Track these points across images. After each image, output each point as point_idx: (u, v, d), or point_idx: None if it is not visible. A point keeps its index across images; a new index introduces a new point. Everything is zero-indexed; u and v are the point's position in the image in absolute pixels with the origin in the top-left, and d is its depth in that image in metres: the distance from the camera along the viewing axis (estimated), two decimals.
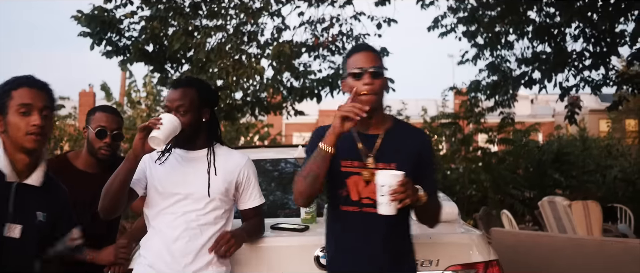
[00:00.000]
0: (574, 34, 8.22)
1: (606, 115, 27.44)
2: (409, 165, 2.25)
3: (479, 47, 9.23)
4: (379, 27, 8.21)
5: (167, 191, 2.51)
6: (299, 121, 10.91)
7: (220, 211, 2.56)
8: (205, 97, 2.58)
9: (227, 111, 8.09)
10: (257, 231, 2.70)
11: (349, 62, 2.30)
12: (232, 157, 2.63)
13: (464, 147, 10.54)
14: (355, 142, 2.32)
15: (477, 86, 9.46)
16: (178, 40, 6.72)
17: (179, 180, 2.52)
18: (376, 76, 2.26)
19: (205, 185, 2.51)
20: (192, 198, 2.50)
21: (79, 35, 7.33)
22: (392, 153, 2.31)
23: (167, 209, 2.51)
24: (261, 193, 2.70)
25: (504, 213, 7.63)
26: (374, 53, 2.32)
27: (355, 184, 2.30)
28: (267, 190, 3.67)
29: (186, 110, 2.47)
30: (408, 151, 2.32)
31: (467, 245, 2.81)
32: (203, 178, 2.52)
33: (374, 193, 2.18)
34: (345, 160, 2.30)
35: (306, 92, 8.04)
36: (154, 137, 2.31)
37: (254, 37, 7.82)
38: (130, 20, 7.44)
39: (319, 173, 2.18)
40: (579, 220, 5.93)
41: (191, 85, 2.57)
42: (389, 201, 2.09)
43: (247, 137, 13.20)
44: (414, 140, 2.38)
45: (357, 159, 2.31)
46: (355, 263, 2.32)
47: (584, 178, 11.60)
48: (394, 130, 2.37)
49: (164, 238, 2.50)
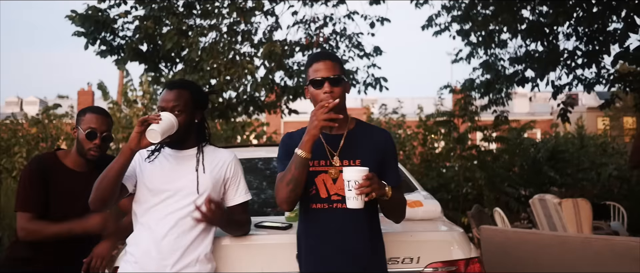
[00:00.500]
0: (566, 32, 8.26)
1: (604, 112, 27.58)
2: (372, 161, 2.40)
3: (472, 46, 9.27)
4: (372, 26, 8.25)
5: (156, 188, 2.58)
6: (298, 119, 10.95)
7: None
8: (198, 100, 2.68)
9: (221, 110, 8.14)
10: (241, 225, 2.75)
11: (310, 71, 2.44)
12: (219, 155, 2.72)
13: (459, 145, 10.56)
14: (321, 142, 2.46)
15: (471, 85, 9.50)
16: (170, 39, 6.76)
17: (169, 177, 2.59)
18: (335, 83, 2.39)
19: (194, 182, 2.58)
20: (181, 195, 2.57)
21: (73, 34, 7.36)
22: (356, 150, 2.46)
23: (156, 206, 2.57)
24: (248, 190, 2.77)
25: (496, 211, 7.65)
26: (332, 61, 2.45)
27: (323, 182, 2.43)
28: (258, 188, 3.71)
29: (180, 111, 2.56)
30: (371, 147, 2.48)
31: (448, 242, 2.85)
32: (192, 175, 2.60)
33: (342, 190, 2.35)
34: (313, 160, 2.41)
35: (300, 91, 8.08)
36: (153, 130, 2.40)
37: (248, 36, 7.85)
38: (124, 20, 7.49)
39: (300, 179, 2.32)
40: (569, 218, 5.95)
41: (186, 87, 2.65)
42: (356, 195, 2.22)
43: (243, 136, 13.22)
44: (376, 138, 2.53)
45: (324, 159, 2.45)
46: (327, 258, 2.43)
47: (579, 175, 11.62)
48: (356, 130, 2.53)
49: (152, 235, 2.55)
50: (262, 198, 3.64)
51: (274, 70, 7.47)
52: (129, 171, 2.54)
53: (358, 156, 2.44)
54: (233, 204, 2.72)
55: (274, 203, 3.32)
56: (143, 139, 2.41)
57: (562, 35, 8.35)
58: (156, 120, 2.41)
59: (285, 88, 8.17)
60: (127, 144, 2.42)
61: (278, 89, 8.29)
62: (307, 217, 2.48)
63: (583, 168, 11.96)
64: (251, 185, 3.67)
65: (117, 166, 2.43)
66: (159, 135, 2.40)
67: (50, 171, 3.09)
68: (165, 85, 2.69)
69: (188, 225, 2.56)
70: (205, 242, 2.61)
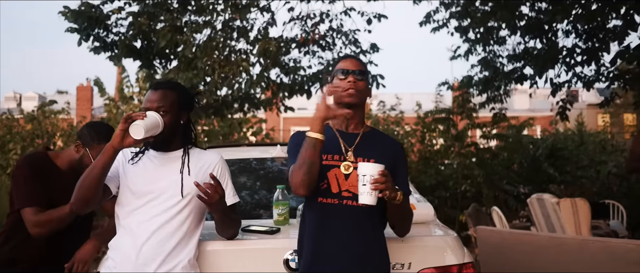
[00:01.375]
0: (565, 29, 8.17)
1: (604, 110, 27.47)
2: (385, 164, 2.34)
3: (471, 43, 9.18)
4: (369, 23, 8.16)
5: (139, 190, 2.51)
6: (297, 115, 10.91)
7: (193, 211, 2.55)
8: (184, 101, 2.60)
9: (216, 108, 8.05)
10: (235, 223, 2.68)
11: (337, 67, 2.52)
12: (204, 156, 2.65)
13: (457, 143, 10.48)
14: (337, 138, 2.48)
15: (470, 82, 9.41)
16: (164, 37, 6.68)
17: (152, 179, 2.52)
18: (360, 78, 2.46)
19: (178, 184, 2.51)
20: (164, 197, 2.50)
21: (66, 31, 7.28)
22: (370, 150, 2.46)
23: (139, 208, 2.50)
24: (235, 192, 2.69)
25: (494, 209, 7.57)
26: (359, 61, 2.56)
27: (335, 177, 2.42)
28: (252, 189, 3.63)
29: (166, 111, 2.49)
30: (385, 152, 2.49)
31: (440, 247, 2.77)
32: (176, 177, 2.53)
33: (353, 186, 2.36)
34: (327, 154, 2.42)
35: (296, 88, 8.00)
36: (137, 125, 2.32)
37: (244, 33, 7.77)
38: (118, 16, 7.40)
39: (314, 160, 2.30)
40: (567, 218, 5.89)
41: (172, 88, 2.59)
42: (370, 190, 2.23)
43: (240, 133, 13.14)
44: (389, 144, 2.58)
45: (338, 153, 2.45)
46: (331, 255, 2.38)
47: (578, 173, 11.55)
48: (371, 133, 2.57)
49: (134, 238, 2.47)
50: (256, 199, 3.56)
51: (269, 67, 7.37)
52: (112, 172, 2.47)
53: (372, 155, 2.44)
54: None
55: (267, 204, 3.25)
56: (127, 137, 2.34)
57: (561, 32, 8.24)
58: (141, 117, 2.35)
59: (281, 85, 8.08)
60: (110, 142, 2.35)
61: (274, 87, 8.20)
62: (315, 211, 2.45)
63: (582, 165, 11.88)
64: (244, 185, 3.61)
65: (100, 165, 2.36)
66: (142, 131, 2.33)
67: (45, 171, 3.02)
68: (150, 85, 2.65)
69: (171, 228, 2.49)
70: (188, 247, 2.53)
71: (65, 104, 13.50)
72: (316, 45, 8.17)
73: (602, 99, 8.51)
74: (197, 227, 2.59)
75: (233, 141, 13.03)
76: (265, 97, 8.87)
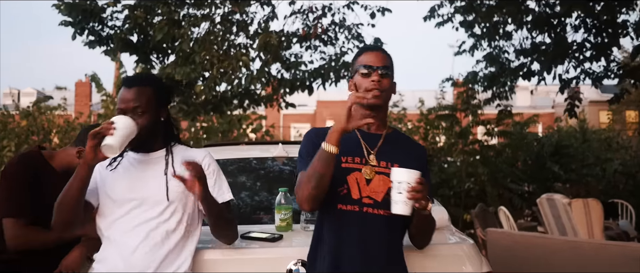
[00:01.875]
0: (574, 24, 7.95)
1: (606, 107, 27.31)
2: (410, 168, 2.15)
3: (476, 38, 8.96)
4: (372, 16, 7.93)
5: (121, 198, 2.27)
6: (297, 112, 10.70)
7: (183, 216, 2.32)
8: (162, 96, 2.36)
9: (215, 104, 7.82)
10: (230, 223, 2.41)
11: (358, 60, 2.28)
12: (190, 154, 2.40)
13: (461, 140, 10.29)
14: (357, 139, 2.28)
15: (474, 78, 9.20)
16: (161, 30, 6.45)
17: (134, 184, 2.28)
18: (385, 75, 2.23)
19: (163, 188, 2.27)
20: (149, 203, 2.27)
21: (59, 24, 7.05)
22: (394, 153, 2.27)
23: (122, 217, 2.27)
24: (229, 189, 2.44)
25: (501, 209, 7.39)
26: (384, 54, 2.30)
27: (356, 181, 2.21)
28: (251, 190, 3.42)
29: (143, 111, 2.25)
30: (409, 155, 2.29)
31: (457, 256, 2.56)
32: (161, 180, 2.29)
33: (375, 193, 2.18)
34: (347, 156, 2.23)
35: (297, 84, 7.77)
36: (108, 145, 2.08)
37: (244, 27, 7.54)
38: (113, 9, 7.17)
39: (325, 174, 2.08)
40: (579, 219, 5.68)
41: (147, 83, 2.33)
42: (406, 199, 2.02)
43: (240, 129, 12.94)
44: (413, 148, 2.40)
45: (359, 155, 2.25)
46: (348, 264, 2.17)
47: (584, 171, 11.39)
48: (394, 135, 2.37)
49: (120, 250, 2.24)
50: (256, 201, 3.34)
51: (270, 62, 7.14)
52: (90, 183, 2.22)
53: (396, 159, 2.23)
54: None
55: (269, 207, 3.04)
56: (99, 152, 2.09)
57: (569, 27, 8.02)
58: (109, 131, 2.08)
59: (282, 81, 7.84)
60: (83, 159, 2.10)
61: (275, 82, 7.96)
62: (332, 219, 2.21)
63: (588, 163, 11.70)
64: (243, 187, 3.39)
65: (77, 184, 2.13)
66: (116, 150, 2.09)
67: (38, 172, 2.79)
68: (123, 82, 2.35)
69: (160, 237, 2.25)
70: (182, 256, 2.30)
71: (62, 100, 13.28)
72: (318, 39, 7.93)
73: (603, 97, 8.32)
74: (191, 234, 2.36)
75: (232, 138, 12.85)
76: (265, 93, 8.64)
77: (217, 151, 3.70)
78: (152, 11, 7.02)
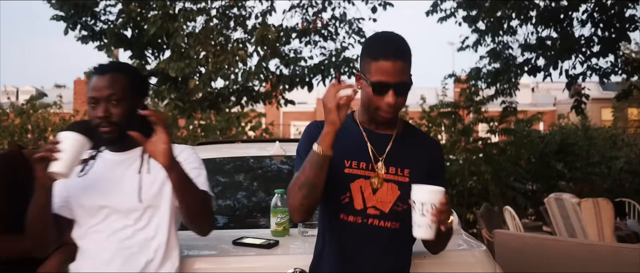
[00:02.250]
0: (581, 18, 7.74)
1: (609, 104, 27.09)
2: (423, 173, 1.95)
3: (480, 33, 8.76)
4: (374, 11, 7.71)
5: (92, 205, 2.02)
6: (297, 109, 10.49)
7: (162, 220, 2.04)
8: (138, 84, 2.10)
9: (211, 101, 7.60)
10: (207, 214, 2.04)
11: (372, 67, 1.84)
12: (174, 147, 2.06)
13: (464, 138, 10.09)
14: (364, 140, 1.97)
15: (478, 74, 9.00)
16: (154, 24, 6.22)
17: (106, 188, 2.03)
18: (403, 91, 1.87)
19: (136, 189, 2.01)
20: (123, 210, 2.01)
21: (51, 19, 6.85)
22: (406, 157, 1.98)
23: (95, 226, 2.02)
24: (209, 186, 2.10)
25: (506, 209, 7.19)
26: (405, 62, 1.87)
27: (361, 190, 1.93)
28: (248, 190, 3.20)
29: (119, 99, 1.98)
30: (422, 156, 2.01)
31: (469, 264, 2.35)
32: (134, 181, 2.03)
33: (382, 203, 1.92)
34: (351, 160, 1.94)
35: (296, 81, 7.55)
36: (56, 173, 1.80)
37: (242, 21, 7.32)
38: (106, 3, 6.95)
39: (318, 183, 1.80)
40: (588, 220, 5.46)
41: (121, 70, 2.08)
42: (431, 222, 1.73)
43: (238, 127, 12.74)
44: (428, 146, 2.08)
45: (365, 160, 1.95)
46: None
47: (588, 169, 11.20)
48: (406, 133, 2.04)
49: (93, 263, 2.01)
50: (253, 201, 3.13)
51: (268, 57, 6.91)
52: (59, 197, 1.98)
53: (407, 165, 1.95)
54: None
55: (266, 208, 2.82)
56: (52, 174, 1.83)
57: (576, 21, 7.81)
58: (53, 154, 1.80)
59: (280, 77, 7.62)
60: (37, 183, 1.86)
61: (273, 79, 7.74)
62: (333, 230, 1.97)
63: (592, 161, 11.51)
64: (238, 187, 3.18)
65: (37, 208, 1.89)
66: (66, 174, 1.82)
67: (17, 174, 2.57)
68: (95, 69, 2.07)
69: (137, 246, 2.00)
70: (166, 266, 2.05)
71: (58, 98, 13.08)
72: (318, 35, 7.71)
73: (605, 94, 8.14)
74: (173, 239, 2.09)
75: (231, 136, 12.65)
76: (264, 90, 8.41)
77: (212, 150, 3.50)
78: (146, 5, 6.79)
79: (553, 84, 8.38)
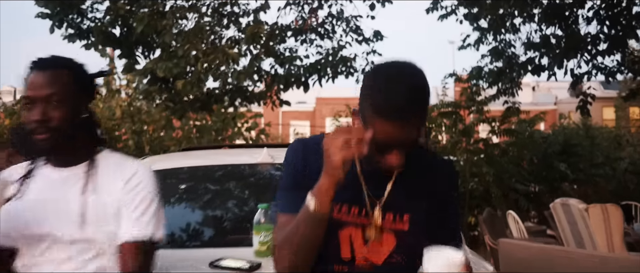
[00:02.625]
0: (587, 15, 7.48)
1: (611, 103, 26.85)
2: (423, 215, 1.59)
3: (481, 31, 8.50)
4: (372, 8, 7.45)
5: (31, 234, 1.68)
6: (296, 109, 10.23)
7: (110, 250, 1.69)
8: (83, 83, 1.76)
9: (203, 102, 7.32)
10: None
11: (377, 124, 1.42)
12: (120, 166, 1.76)
13: (464, 138, 9.84)
14: (358, 180, 1.57)
15: (479, 73, 8.75)
16: (141, 21, 5.95)
17: (45, 214, 1.68)
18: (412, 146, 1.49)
19: (79, 215, 1.66)
20: (66, 240, 1.66)
21: (36, 16, 6.57)
22: (406, 199, 1.58)
23: (37, 258, 1.69)
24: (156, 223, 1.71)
25: (510, 214, 6.94)
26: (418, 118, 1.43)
27: (350, 239, 1.57)
28: (239, 199, 2.94)
29: (60, 100, 1.63)
30: (425, 193, 1.61)
31: None
32: (76, 204, 1.67)
33: (373, 254, 1.56)
34: (341, 203, 1.55)
35: (292, 80, 7.29)
36: None
37: (235, 19, 7.07)
38: (94, 0, 6.68)
39: (316, 242, 1.48)
40: (597, 226, 5.21)
41: (65, 65, 1.73)
42: None
43: (234, 128, 12.48)
44: (438, 175, 1.66)
45: (357, 204, 1.57)
46: None
47: (592, 171, 10.97)
48: (410, 164, 1.54)
49: None
50: (237, 215, 2.86)
51: (260, 56, 6.64)
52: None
53: (407, 208, 1.57)
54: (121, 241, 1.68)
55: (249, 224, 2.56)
56: None
57: (581, 18, 7.56)
58: None
59: (275, 77, 7.35)
60: None
61: (268, 78, 7.48)
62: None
63: (596, 162, 11.28)
64: (219, 200, 2.92)
65: None
66: None
67: None
68: (33, 64, 1.72)
69: None
70: None
71: None
72: (314, 33, 7.45)
73: (606, 93, 7.89)
74: None
75: (227, 136, 12.41)
76: (258, 90, 8.13)
77: (193, 157, 3.25)
78: (136, 2, 6.52)
79: (554, 83, 8.10)
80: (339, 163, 1.38)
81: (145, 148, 11.26)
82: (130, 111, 11.61)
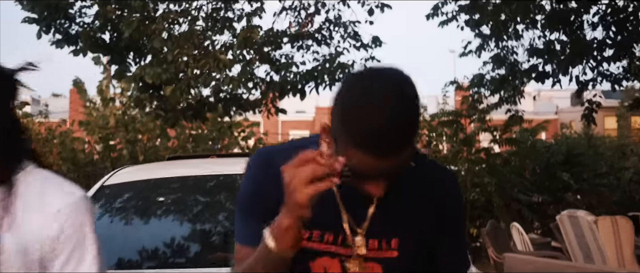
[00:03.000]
0: (592, 21, 7.27)
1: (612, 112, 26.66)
2: (416, 238, 1.30)
3: (483, 38, 8.28)
4: (370, 13, 7.24)
5: None
6: (295, 118, 10.01)
7: None
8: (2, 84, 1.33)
9: (195, 110, 7.07)
10: None
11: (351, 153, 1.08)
12: (49, 194, 1.30)
13: (466, 147, 9.62)
14: (333, 199, 1.27)
15: (481, 81, 8.52)
16: (129, 26, 5.72)
17: None
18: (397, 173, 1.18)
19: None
20: None
21: (23, 21, 6.36)
22: (394, 220, 1.30)
23: None
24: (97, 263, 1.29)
25: (513, 226, 6.70)
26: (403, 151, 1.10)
27: (325, 271, 1.29)
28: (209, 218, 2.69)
29: None
30: (419, 213, 1.32)
31: None
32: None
33: None
34: (313, 229, 1.26)
35: (288, 88, 7.04)
36: None
37: (229, 24, 6.84)
38: (82, 4, 6.46)
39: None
40: (606, 239, 4.98)
41: None
42: None
43: (231, 137, 12.25)
44: (435, 190, 1.34)
45: (333, 230, 1.27)
46: None
47: (596, 181, 10.73)
48: (397, 182, 1.22)
49: None
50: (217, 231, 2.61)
51: (254, 62, 6.41)
52: None
53: (397, 232, 1.27)
54: None
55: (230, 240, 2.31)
56: None
57: (586, 24, 7.34)
58: None
59: (270, 84, 7.11)
60: None
61: (263, 86, 7.24)
62: None
63: (600, 172, 11.04)
64: (202, 212, 2.67)
65: None
66: None
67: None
68: None
69: None
70: None
71: (44, 107, 12.69)
72: (311, 39, 7.23)
73: (608, 102, 7.67)
74: None
75: (224, 146, 12.19)
76: (254, 98, 7.88)
77: (175, 166, 3.01)
78: (126, 5, 6.30)
79: (555, 93, 7.91)
80: (303, 201, 1.07)
81: (139, 158, 11.03)
82: (124, 120, 11.39)
